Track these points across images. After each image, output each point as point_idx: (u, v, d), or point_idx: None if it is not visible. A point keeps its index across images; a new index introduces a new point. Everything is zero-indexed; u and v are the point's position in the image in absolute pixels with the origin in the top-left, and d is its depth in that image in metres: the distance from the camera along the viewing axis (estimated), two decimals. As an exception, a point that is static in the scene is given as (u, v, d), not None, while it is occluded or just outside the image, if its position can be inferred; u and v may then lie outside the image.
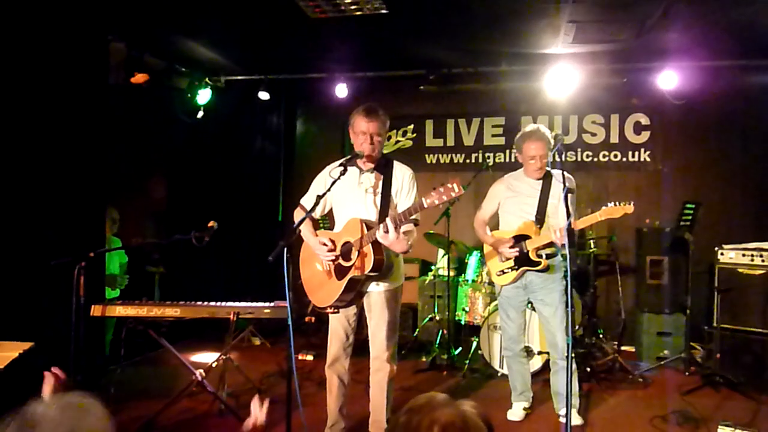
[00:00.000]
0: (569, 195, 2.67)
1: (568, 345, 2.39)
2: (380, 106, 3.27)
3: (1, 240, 3.91)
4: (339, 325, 3.38)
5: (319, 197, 2.95)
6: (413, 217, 3.16)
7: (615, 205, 3.40)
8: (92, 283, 3.59)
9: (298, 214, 3.38)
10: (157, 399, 3.97)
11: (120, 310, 3.40)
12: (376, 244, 2.99)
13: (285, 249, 2.59)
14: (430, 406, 1.16)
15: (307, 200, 3.40)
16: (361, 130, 3.17)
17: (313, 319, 6.10)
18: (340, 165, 3.09)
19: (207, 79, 6.11)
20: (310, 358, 5.30)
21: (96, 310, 3.35)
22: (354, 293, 3.20)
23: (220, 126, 6.52)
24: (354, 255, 3.06)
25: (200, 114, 6.33)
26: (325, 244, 3.15)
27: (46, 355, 3.30)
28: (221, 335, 5.24)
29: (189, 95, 6.09)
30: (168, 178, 6.41)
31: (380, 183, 3.24)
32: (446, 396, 1.20)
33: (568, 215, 2.57)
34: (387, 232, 2.84)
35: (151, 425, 3.65)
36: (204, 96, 6.13)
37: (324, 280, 3.23)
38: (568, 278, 2.48)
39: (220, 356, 3.94)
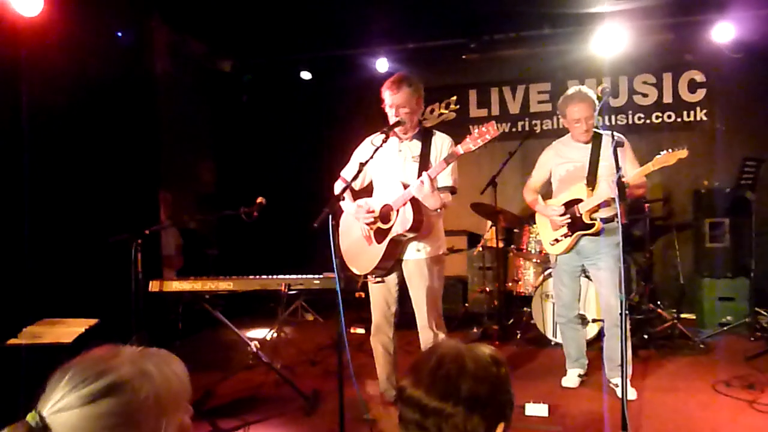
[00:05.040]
0: (618, 148, 2.58)
1: (621, 302, 2.32)
2: (411, 75, 3.24)
3: (63, 224, 4.12)
4: (380, 294, 3.40)
5: (362, 164, 2.95)
6: (449, 184, 3.15)
7: (668, 152, 3.24)
8: (149, 260, 3.74)
9: (338, 186, 3.40)
10: (216, 371, 4.11)
11: (176, 285, 3.51)
12: (415, 203, 3.01)
13: (329, 216, 2.61)
14: (438, 344, 1.22)
15: (347, 172, 3.42)
16: (387, 103, 3.19)
17: (363, 294, 6.15)
18: (381, 133, 3.09)
19: (249, 62, 6.19)
20: (361, 331, 5.35)
21: (154, 286, 3.47)
22: (395, 258, 3.21)
23: (264, 108, 6.60)
24: (393, 215, 3.08)
25: (245, 98, 6.44)
26: (363, 207, 3.18)
27: (109, 331, 3.49)
28: (274, 312, 5.40)
29: (233, 79, 6.20)
30: (216, 161, 6.56)
31: (419, 151, 3.23)
32: (463, 344, 1.21)
33: (618, 168, 2.48)
34: (423, 184, 2.84)
35: (209, 395, 3.78)
36: (247, 78, 6.22)
37: (364, 246, 3.26)
38: (619, 231, 2.40)
39: (274, 328, 4.04)
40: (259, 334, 5.33)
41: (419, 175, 3.10)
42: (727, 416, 3.35)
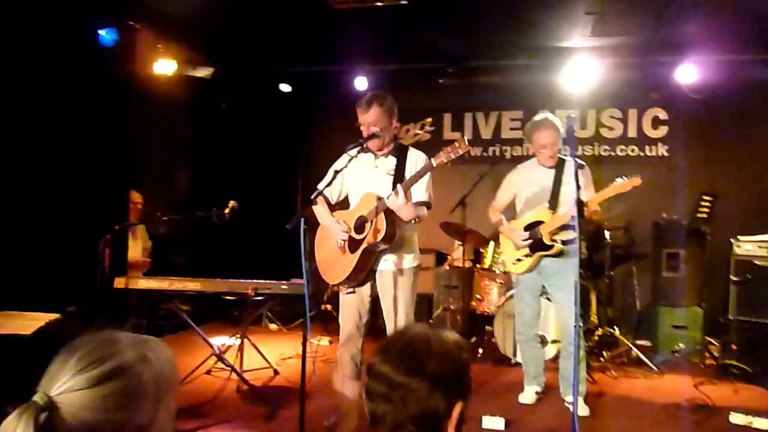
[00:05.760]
0: (579, 170, 2.72)
1: (576, 315, 2.43)
2: (385, 94, 3.32)
3: (29, 220, 4.08)
4: (352, 304, 3.39)
5: (336, 172, 3.03)
6: (424, 199, 3.25)
7: (623, 179, 3.43)
8: (116, 258, 3.72)
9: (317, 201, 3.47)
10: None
11: (143, 283, 3.51)
12: (389, 215, 3.08)
13: (302, 219, 2.67)
14: (407, 328, 1.31)
15: (323, 184, 3.48)
16: (361, 121, 3.27)
17: (329, 306, 6.19)
18: (357, 145, 3.18)
19: (228, 71, 6.25)
20: (325, 342, 5.38)
21: (119, 283, 3.46)
22: (368, 269, 3.27)
23: (243, 117, 6.65)
24: (367, 226, 3.15)
25: (223, 105, 6.48)
26: (339, 222, 3.24)
27: (71, 326, 3.45)
28: (238, 321, 5.38)
29: (212, 86, 6.24)
30: (192, 168, 6.57)
31: (394, 166, 3.32)
32: (427, 326, 1.31)
33: (578, 186, 2.62)
34: (397, 195, 2.92)
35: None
36: (225, 87, 6.27)
37: (338, 256, 3.31)
38: (577, 248, 2.52)
39: (237, 334, 4.04)
40: (221, 341, 5.31)
41: (394, 188, 3.19)
42: (675, 435, 3.49)
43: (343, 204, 3.51)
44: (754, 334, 4.64)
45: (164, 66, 5.53)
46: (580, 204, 2.52)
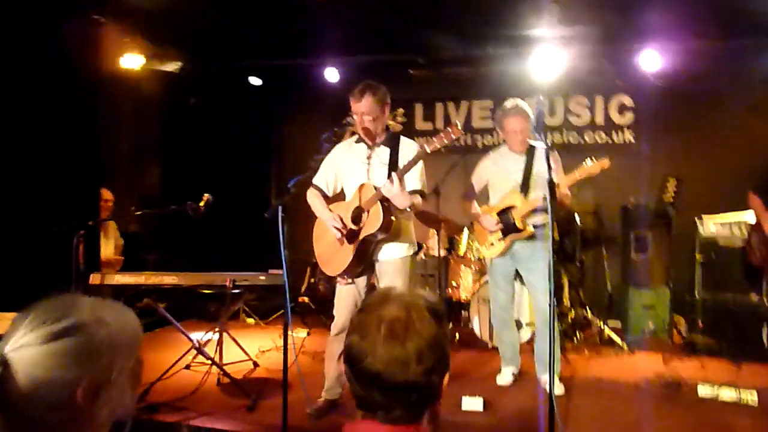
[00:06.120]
0: (549, 152, 2.80)
1: (551, 292, 2.50)
2: (377, 84, 3.38)
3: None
4: (349, 296, 3.41)
5: (329, 164, 3.19)
6: (418, 188, 3.29)
7: (592, 161, 3.54)
8: (89, 255, 3.68)
9: (311, 195, 3.50)
10: (154, 371, 4.05)
11: (118, 278, 3.48)
12: (385, 204, 3.11)
13: (280, 208, 2.69)
14: (379, 302, 1.21)
15: (318, 178, 3.51)
16: (354, 110, 3.31)
17: (307, 299, 6.20)
18: (331, 133, 3.21)
19: (197, 65, 6.18)
20: (303, 334, 5.40)
21: (95, 279, 3.43)
22: (365, 260, 3.30)
23: (213, 112, 6.59)
24: (364, 217, 3.18)
25: (192, 100, 6.41)
26: (335, 218, 3.29)
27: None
28: (215, 317, 5.35)
29: (181, 81, 6.17)
30: (162, 164, 6.48)
31: (388, 156, 3.35)
32: (403, 289, 1.26)
33: (550, 168, 2.69)
34: (392, 183, 2.97)
35: (147, 392, 3.71)
36: (195, 81, 6.20)
37: (337, 248, 3.33)
38: (550, 229, 2.60)
39: (215, 328, 4.03)
40: (199, 336, 5.28)
41: (389, 177, 3.22)
42: (648, 409, 3.62)
43: (340, 195, 3.54)
44: (719, 311, 4.83)
45: (131, 60, 5.44)
46: (552, 185, 2.59)
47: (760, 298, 4.71)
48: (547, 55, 5.66)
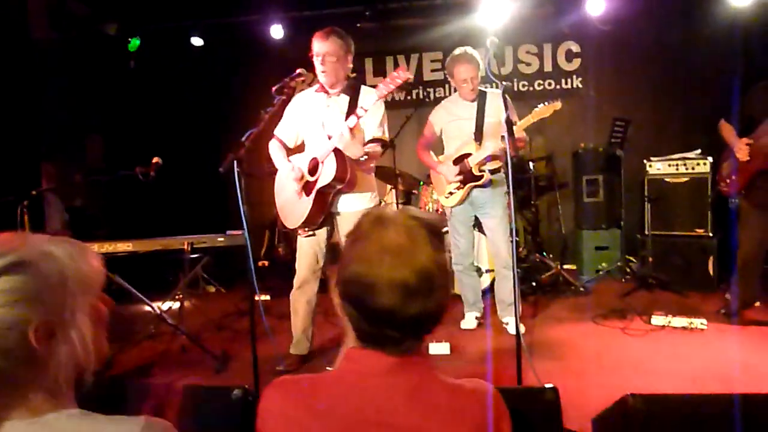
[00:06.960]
0: (505, 94, 2.80)
1: (512, 230, 2.54)
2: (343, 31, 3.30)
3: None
4: (309, 248, 3.41)
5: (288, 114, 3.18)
6: (378, 135, 3.25)
7: (545, 105, 3.58)
8: (34, 228, 3.52)
9: (272, 145, 3.44)
10: (115, 343, 3.96)
11: (69, 249, 3.35)
12: (338, 154, 3.08)
13: (235, 162, 2.62)
14: (374, 226, 1.09)
15: (280, 130, 3.44)
16: (315, 51, 3.23)
17: (267, 263, 6.15)
18: (282, 85, 3.11)
19: (137, 26, 5.90)
20: (266, 297, 5.36)
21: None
22: (324, 211, 3.27)
23: (155, 75, 6.33)
24: (320, 167, 3.14)
25: (132, 64, 6.13)
26: (293, 169, 3.25)
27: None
28: (173, 286, 5.24)
29: (119, 44, 5.88)
30: (103, 133, 6.22)
31: (347, 104, 3.28)
32: (394, 210, 1.14)
33: (507, 108, 2.70)
34: (342, 133, 2.94)
35: (110, 364, 3.63)
36: (135, 44, 5.92)
37: (296, 200, 3.30)
38: (509, 168, 2.62)
39: (176, 295, 3.96)
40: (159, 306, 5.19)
41: None
42: (606, 341, 3.78)
43: (301, 147, 3.48)
44: (667, 246, 5.04)
45: (66, 24, 5.14)
46: (509, 122, 2.60)
47: (706, 231, 4.93)
48: (495, 4, 5.62)
